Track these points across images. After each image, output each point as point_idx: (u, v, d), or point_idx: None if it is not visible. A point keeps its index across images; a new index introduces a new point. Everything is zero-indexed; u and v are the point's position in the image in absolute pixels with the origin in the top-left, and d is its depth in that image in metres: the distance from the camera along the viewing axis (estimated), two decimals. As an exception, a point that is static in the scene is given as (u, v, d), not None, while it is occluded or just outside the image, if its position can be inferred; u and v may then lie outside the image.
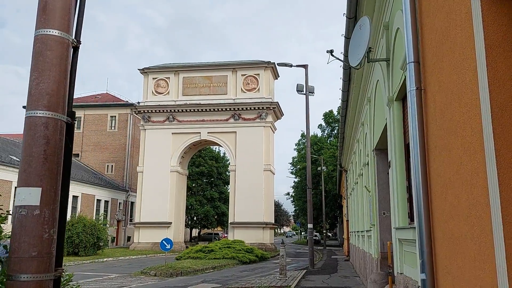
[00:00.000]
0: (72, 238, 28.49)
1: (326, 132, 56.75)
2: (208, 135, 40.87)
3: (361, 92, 12.53)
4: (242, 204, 38.45)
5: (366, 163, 13.28)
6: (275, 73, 43.10)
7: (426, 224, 3.66)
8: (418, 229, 3.73)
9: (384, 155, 10.58)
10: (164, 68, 42.60)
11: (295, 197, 58.90)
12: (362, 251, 15.10)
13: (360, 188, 15.94)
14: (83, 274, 19.80)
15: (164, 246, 21.10)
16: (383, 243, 10.20)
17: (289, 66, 22.21)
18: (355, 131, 16.89)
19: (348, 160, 23.59)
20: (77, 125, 50.83)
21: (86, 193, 40.48)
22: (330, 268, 21.42)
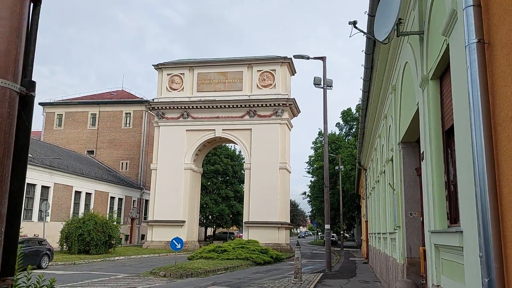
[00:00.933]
0: (83, 235, 27.91)
1: (344, 131, 55.31)
2: (223, 132, 39.97)
3: (384, 80, 11.40)
4: (257, 203, 37.43)
5: (389, 159, 12.14)
6: (292, 69, 41.95)
7: (495, 230, 2.60)
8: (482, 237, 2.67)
9: (411, 148, 9.46)
10: (179, 64, 41.87)
11: (312, 196, 57.65)
12: (384, 255, 13.95)
13: (383, 186, 14.78)
14: (91, 273, 19.11)
15: (175, 245, 20.23)
16: (410, 248, 9.09)
17: (306, 58, 21.13)
18: (377, 125, 15.74)
19: (368, 158, 22.38)
20: (92, 122, 50.63)
21: (100, 190, 40.04)
22: (349, 271, 20.28)
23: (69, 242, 28.13)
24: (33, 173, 30.97)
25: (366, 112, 15.20)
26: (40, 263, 20.84)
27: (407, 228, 9.11)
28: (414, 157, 9.36)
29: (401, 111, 9.32)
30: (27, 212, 30.75)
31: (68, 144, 48.48)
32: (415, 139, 9.07)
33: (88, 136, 50.21)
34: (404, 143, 9.38)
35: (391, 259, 11.80)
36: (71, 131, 50.49)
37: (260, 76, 40.00)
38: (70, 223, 28.73)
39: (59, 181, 34.05)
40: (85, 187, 37.73)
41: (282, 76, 39.91)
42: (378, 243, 17.10)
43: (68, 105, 51.51)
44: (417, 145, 9.31)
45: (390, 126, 11.61)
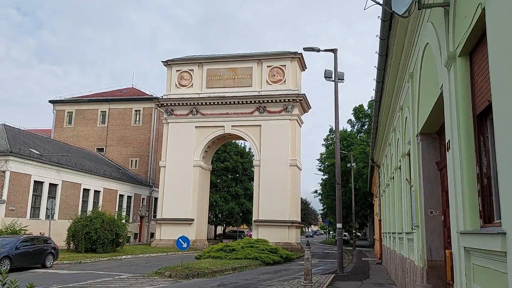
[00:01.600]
0: (90, 234, 27.47)
1: (356, 128, 54.29)
2: (232, 129, 39.28)
3: (400, 68, 10.58)
4: (266, 201, 36.69)
5: (406, 153, 11.32)
6: (302, 64, 41.07)
7: None
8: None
9: (431, 140, 8.63)
10: (188, 60, 41.28)
11: (323, 195, 56.71)
12: (400, 256, 13.12)
13: (398, 183, 13.94)
14: (95, 273, 18.59)
15: (181, 244, 19.58)
16: (430, 249, 8.28)
17: (316, 50, 20.32)
18: (391, 118, 14.90)
19: (382, 154, 21.50)
20: (102, 120, 50.36)
21: (108, 188, 39.65)
22: (361, 272, 19.45)
23: (76, 241, 27.72)
24: (40, 170, 30.67)
25: (380, 105, 14.35)
26: (44, 262, 20.40)
27: (427, 228, 8.31)
28: (434, 149, 8.55)
29: (420, 100, 8.52)
30: (34, 210, 30.45)
31: (78, 142, 48.28)
32: (436, 129, 8.26)
33: (98, 134, 49.95)
34: (423, 134, 8.57)
35: (408, 261, 10.98)
36: (81, 128, 50.29)
37: (270, 72, 39.22)
38: (76, 221, 28.30)
39: (67, 178, 33.70)
40: (94, 184, 37.36)
41: (292, 72, 39.08)
42: (393, 243, 16.26)
43: (78, 103, 51.31)
44: (438, 136, 8.51)
45: (406, 118, 10.80)
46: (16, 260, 18.64)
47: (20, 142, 31.00)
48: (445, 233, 7.98)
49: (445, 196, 7.94)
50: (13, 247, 18.75)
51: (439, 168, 8.37)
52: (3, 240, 19.50)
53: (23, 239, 19.84)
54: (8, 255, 18.21)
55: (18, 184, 28.56)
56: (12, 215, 27.37)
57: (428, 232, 8.29)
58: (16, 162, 28.33)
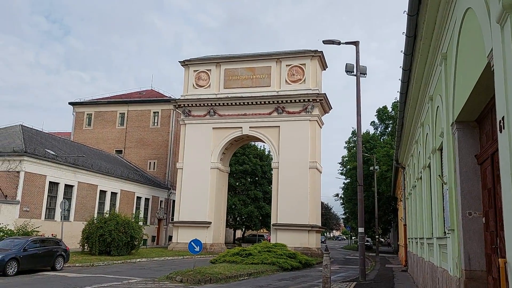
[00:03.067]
0: (104, 236, 26.81)
1: (380, 130, 52.58)
2: (250, 130, 38.27)
3: (431, 51, 9.37)
4: (285, 204, 35.49)
5: (437, 148, 10.07)
6: (323, 63, 39.80)
7: None
8: None
9: (469, 130, 7.39)
10: (206, 60, 40.54)
11: (345, 199, 55.13)
12: (430, 264, 11.81)
13: (427, 183, 12.65)
14: (104, 277, 17.81)
15: (193, 248, 18.58)
16: (469, 257, 7.04)
17: (337, 43, 19.15)
18: (419, 112, 13.63)
19: (407, 154, 20.16)
20: (121, 121, 50.15)
21: (126, 190, 39.13)
22: (385, 280, 18.10)
23: (90, 243, 27.11)
24: (56, 171, 30.28)
25: (406, 97, 13.08)
26: (54, 265, 19.75)
27: (465, 232, 7.08)
28: (473, 140, 7.33)
29: (456, 82, 7.31)
30: (49, 212, 30.03)
31: (97, 144, 48.13)
32: (476, 116, 7.05)
33: (117, 136, 49.73)
34: (460, 123, 7.36)
35: (439, 270, 9.71)
36: (100, 130, 50.18)
37: (289, 71, 38.10)
38: (91, 223, 27.72)
39: (83, 179, 33.26)
40: (111, 186, 36.87)
41: (312, 71, 37.87)
42: (420, 250, 14.91)
43: (97, 105, 51.26)
44: (477, 125, 7.29)
45: (438, 108, 9.58)
46: (24, 262, 18.00)
47: (36, 143, 30.70)
48: (488, 238, 6.76)
49: (487, 194, 6.73)
50: (21, 248, 18.13)
51: (479, 162, 7.15)
52: (12, 242, 18.94)
53: (32, 241, 19.22)
54: (15, 257, 17.59)
55: (33, 185, 28.18)
56: (27, 216, 26.95)
57: (466, 237, 7.08)
58: (31, 162, 27.97)
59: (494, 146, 6.18)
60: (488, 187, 6.60)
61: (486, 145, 6.73)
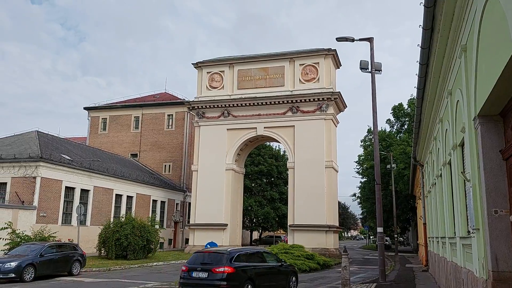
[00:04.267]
0: (120, 240, 26.85)
1: (396, 128, 51.78)
2: (265, 130, 37.99)
3: (449, 44, 9.00)
4: (302, 205, 35.10)
5: (458, 144, 9.69)
6: (337, 61, 39.33)
7: None
8: None
9: (493, 124, 7.01)
10: (219, 61, 40.42)
11: (362, 198, 54.43)
12: (452, 264, 11.39)
13: (447, 180, 12.23)
14: (120, 281, 17.76)
15: (209, 251, 18.41)
16: (496, 258, 6.67)
17: (350, 40, 18.79)
18: (437, 108, 13.21)
19: (426, 151, 19.66)
20: (135, 125, 50.38)
21: (141, 193, 39.24)
22: (406, 281, 17.65)
23: (106, 247, 27.17)
24: (71, 176, 30.46)
25: (424, 93, 12.66)
26: (71, 270, 19.81)
27: (491, 231, 6.72)
28: (498, 135, 6.96)
29: (478, 74, 6.95)
30: (66, 216, 30.22)
31: (112, 148, 48.42)
32: (500, 109, 6.68)
33: (132, 139, 49.96)
34: (482, 117, 7.00)
35: (464, 270, 9.31)
36: (115, 134, 50.47)
37: (303, 70, 37.72)
38: (107, 227, 27.79)
39: (99, 184, 33.43)
40: (126, 190, 37.00)
41: (326, 69, 37.43)
42: (442, 249, 14.47)
43: (112, 109, 51.59)
44: (502, 118, 6.92)
45: (458, 102, 9.19)
46: (41, 267, 18.08)
47: (52, 148, 30.95)
48: (517, 238, 6.40)
49: (515, 190, 6.38)
50: (38, 254, 18.21)
51: (504, 157, 6.78)
52: (28, 247, 19.05)
53: (48, 246, 19.28)
54: (32, 263, 17.66)
55: (49, 190, 28.39)
56: (44, 222, 27.15)
57: (492, 237, 6.71)
58: (47, 168, 28.18)
59: (521, 140, 5.84)
60: (516, 183, 6.25)
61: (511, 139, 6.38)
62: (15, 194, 27.35)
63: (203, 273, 12.26)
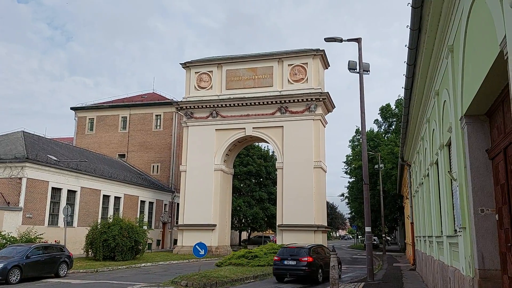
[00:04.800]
0: (108, 241, 26.61)
1: (383, 128, 52.21)
2: (253, 131, 37.99)
3: (436, 44, 9.09)
4: (290, 205, 35.18)
5: (445, 144, 9.79)
6: (325, 62, 39.50)
7: None
8: None
9: (479, 124, 7.10)
10: (207, 61, 40.32)
11: (351, 198, 54.75)
12: (439, 263, 11.51)
13: (434, 180, 12.36)
14: (107, 282, 17.60)
15: (198, 252, 18.33)
16: (482, 256, 6.75)
17: (339, 40, 18.87)
18: (424, 108, 13.33)
19: (413, 151, 19.85)
20: (123, 125, 49.98)
21: (129, 194, 38.95)
22: (394, 280, 17.79)
23: (94, 248, 26.91)
24: (58, 177, 30.11)
25: (411, 93, 12.78)
26: (58, 271, 19.57)
27: (477, 230, 6.80)
28: (484, 134, 7.05)
29: (465, 75, 7.04)
30: (53, 218, 29.85)
31: (99, 149, 47.99)
32: (486, 109, 6.77)
33: (119, 140, 49.55)
34: (469, 117, 7.09)
35: (451, 269, 9.41)
36: (103, 135, 50.02)
37: (291, 71, 37.82)
38: (94, 228, 27.53)
39: (86, 184, 33.09)
40: (114, 190, 36.70)
41: (314, 70, 37.58)
42: (429, 248, 14.61)
43: (99, 109, 51.12)
44: (488, 118, 7.01)
45: (444, 102, 9.29)
46: (27, 269, 17.83)
47: (38, 149, 30.56)
48: (502, 236, 6.47)
49: (500, 190, 6.45)
50: (24, 256, 17.96)
51: (490, 156, 6.88)
52: (14, 249, 18.78)
53: (35, 248, 19.03)
54: (18, 265, 17.40)
55: (35, 191, 28.03)
56: (30, 223, 26.79)
57: (479, 235, 6.79)
58: (33, 168, 27.82)
59: (506, 140, 5.91)
60: (501, 182, 6.33)
61: (498, 139, 6.46)
62: (0, 195, 26.95)
63: (292, 261, 17.40)
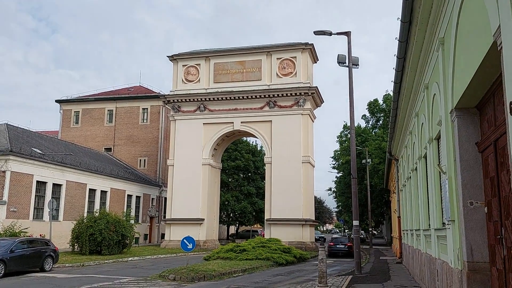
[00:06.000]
0: (94, 235, 26.34)
1: (371, 123, 52.44)
2: (242, 125, 37.84)
3: (427, 37, 9.06)
4: (279, 199, 35.21)
5: (434, 137, 9.80)
6: (314, 56, 39.45)
7: None
8: None
9: (470, 117, 7.08)
10: (195, 54, 39.96)
11: (338, 192, 55.04)
12: (427, 256, 11.57)
13: (422, 174, 12.41)
14: (94, 277, 17.40)
15: (186, 245, 18.22)
16: (471, 248, 6.77)
17: (328, 34, 18.82)
18: (413, 102, 13.36)
19: (401, 145, 19.93)
20: (109, 119, 49.39)
21: (116, 188, 38.57)
22: (381, 273, 17.90)
23: (80, 242, 26.61)
24: (43, 170, 29.66)
25: (401, 87, 12.79)
26: (43, 266, 19.27)
27: (466, 223, 6.81)
28: (474, 127, 7.04)
29: (456, 67, 7.01)
30: (38, 212, 29.43)
31: (85, 142, 47.40)
32: (476, 102, 6.76)
33: (105, 133, 48.98)
34: (459, 110, 7.07)
35: (438, 262, 9.45)
36: (88, 128, 49.37)
37: (280, 64, 37.68)
38: (80, 222, 27.21)
39: (72, 178, 32.66)
40: (100, 184, 36.30)
41: (303, 64, 37.51)
42: (416, 241, 14.70)
43: (84, 102, 50.42)
44: (478, 111, 7.00)
45: (434, 96, 9.29)
46: (11, 264, 17.51)
47: (22, 142, 30.04)
48: (491, 228, 6.49)
49: (490, 183, 6.45)
50: (8, 250, 17.64)
51: (480, 149, 6.88)
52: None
53: (19, 242, 18.70)
54: (2, 259, 17.08)
55: (20, 185, 27.57)
56: (14, 217, 26.36)
57: (468, 228, 6.80)
58: (17, 161, 27.34)
59: (497, 132, 5.90)
60: (491, 175, 6.33)
61: (488, 132, 6.45)
62: (-16, 189, 26.47)
63: (341, 245, 30.32)
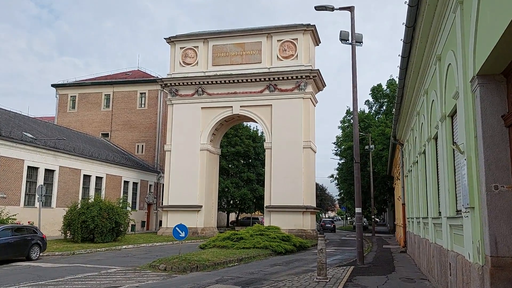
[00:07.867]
0: (86, 222, 25.41)
1: (374, 109, 51.20)
2: (241, 109, 36.64)
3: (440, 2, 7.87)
4: (279, 186, 34.17)
5: (448, 114, 8.65)
6: (316, 38, 38.03)
7: None
8: None
9: (495, 84, 5.91)
10: (193, 36, 38.62)
11: (340, 179, 54.06)
12: (437, 247, 10.50)
13: (432, 157, 11.29)
14: (81, 266, 16.49)
15: (178, 234, 17.24)
16: (495, 240, 5.68)
17: (330, 9, 17.55)
18: (422, 78, 12.19)
19: (407, 128, 18.80)
20: (106, 103, 48.28)
21: (112, 174, 37.61)
22: (385, 263, 16.91)
23: (72, 230, 25.72)
24: (34, 155, 28.67)
25: (409, 61, 11.60)
26: (29, 254, 18.39)
27: (490, 210, 5.71)
28: (500, 98, 5.90)
29: (479, 25, 5.82)
30: (29, 198, 28.50)
31: (82, 127, 46.39)
32: (504, 66, 5.61)
33: (102, 118, 47.91)
34: (483, 77, 5.92)
35: (452, 254, 8.39)
36: (85, 113, 48.29)
37: (281, 47, 36.32)
38: (73, 208, 26.28)
39: (65, 164, 31.68)
40: (95, 170, 35.33)
41: (305, 46, 36.14)
42: (423, 231, 13.66)
43: (81, 86, 49.26)
44: (505, 78, 5.86)
45: (449, 66, 8.12)
46: (-5, 252, 16.62)
47: (13, 126, 29.02)
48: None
49: (519, 163, 5.37)
50: (6, 235, 16.77)
51: (507, 123, 5.76)
52: (-20, 231, 17.49)
53: (4, 229, 17.79)
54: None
55: (9, 170, 26.59)
56: (3, 203, 25.45)
57: (492, 216, 5.71)
58: (6, 146, 26.31)
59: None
60: (520, 153, 5.23)
61: (516, 102, 5.34)
62: (-28, 174, 25.53)
63: (329, 225, 54.45)
